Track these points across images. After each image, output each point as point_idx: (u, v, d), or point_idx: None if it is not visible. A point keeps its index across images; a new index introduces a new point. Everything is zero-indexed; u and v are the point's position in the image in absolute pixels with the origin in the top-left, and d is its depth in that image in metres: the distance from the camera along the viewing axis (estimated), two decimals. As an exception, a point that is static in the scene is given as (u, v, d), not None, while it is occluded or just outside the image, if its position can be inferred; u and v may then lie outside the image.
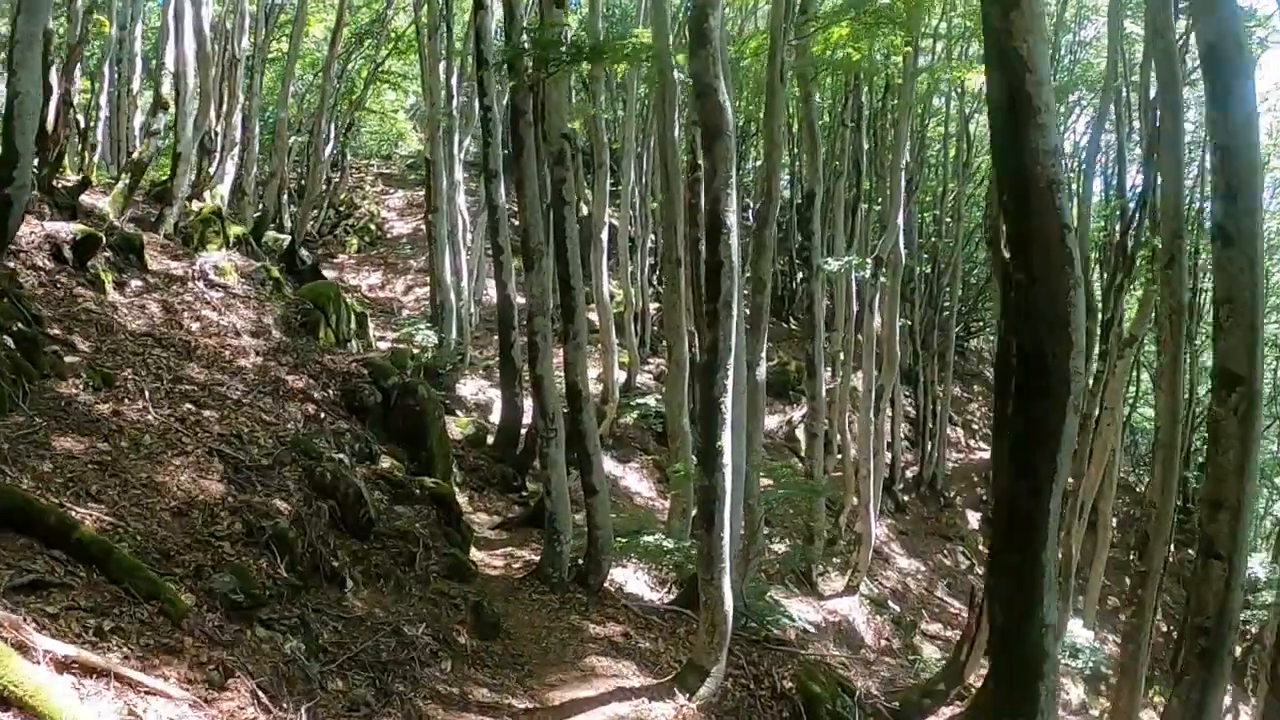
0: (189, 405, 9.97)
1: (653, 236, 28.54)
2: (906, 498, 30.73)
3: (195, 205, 18.41)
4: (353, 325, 15.56)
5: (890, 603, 22.52)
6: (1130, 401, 29.17)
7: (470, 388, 20.53)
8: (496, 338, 26.17)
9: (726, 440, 8.64)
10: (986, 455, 35.77)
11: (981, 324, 38.46)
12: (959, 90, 30.79)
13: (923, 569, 27.92)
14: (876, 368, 22.58)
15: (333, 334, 14.86)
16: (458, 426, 16.30)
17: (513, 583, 11.75)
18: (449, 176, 20.55)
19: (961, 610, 26.33)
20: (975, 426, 36.98)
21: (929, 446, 30.78)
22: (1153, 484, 17.89)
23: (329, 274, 26.24)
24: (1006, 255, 6.66)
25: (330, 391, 13.11)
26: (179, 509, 7.83)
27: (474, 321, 23.46)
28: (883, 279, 21.84)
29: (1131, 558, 28.19)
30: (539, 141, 11.67)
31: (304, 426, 11.41)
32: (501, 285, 15.64)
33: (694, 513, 15.67)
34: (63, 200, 14.04)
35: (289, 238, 20.62)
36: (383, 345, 20.59)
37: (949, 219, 30.46)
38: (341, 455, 10.44)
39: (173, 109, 17.89)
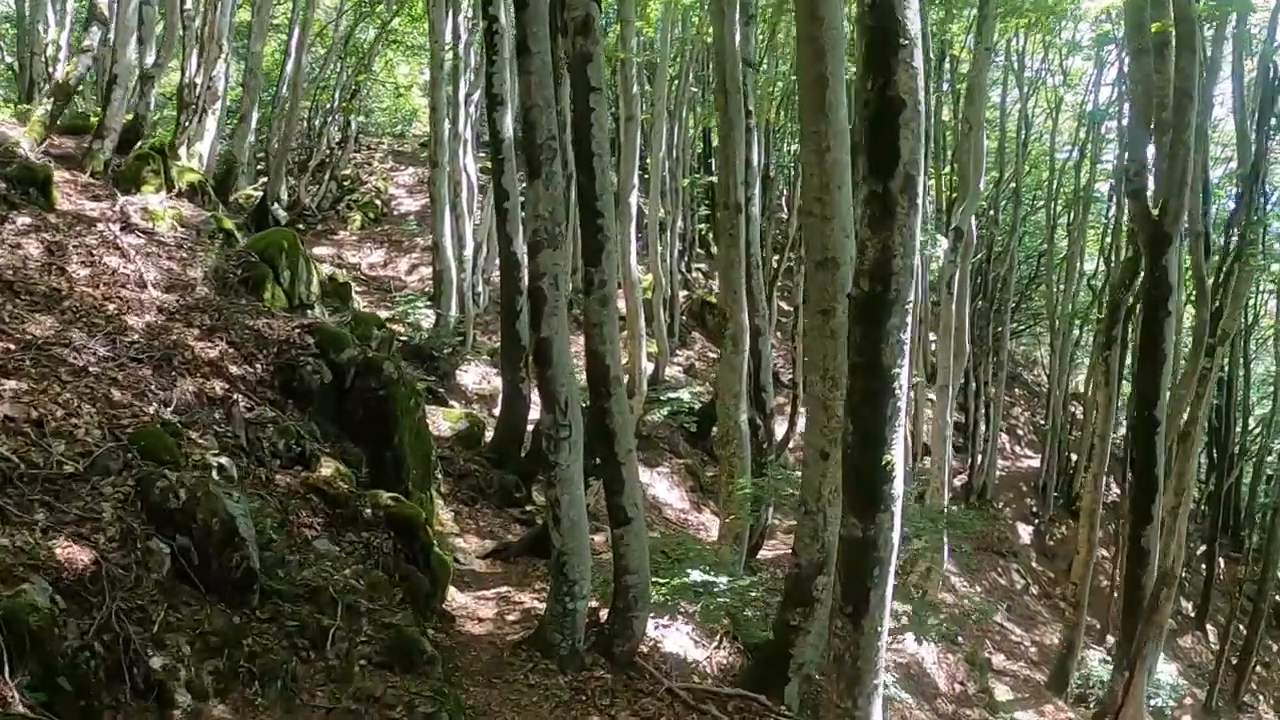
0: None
1: (681, 221, 24.14)
2: (954, 509, 26.11)
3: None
4: (315, 287, 11.24)
5: (960, 638, 18.02)
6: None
7: (472, 375, 16.17)
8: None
9: (899, 455, 4.28)
10: (1034, 463, 31.23)
11: (1031, 323, 33.83)
12: (1016, 65, 26.49)
13: (979, 591, 23.27)
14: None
15: (284, 294, 10.51)
16: (447, 420, 11.93)
17: (502, 652, 7.35)
18: (452, 125, 16.32)
19: (1023, 639, 21.87)
20: (1020, 432, 32.36)
21: (979, 454, 26.24)
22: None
23: (326, 250, 21.91)
24: None
25: (257, 366, 8.73)
26: None
27: (482, 303, 19.07)
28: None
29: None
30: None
31: (194, 414, 7.04)
32: (506, 238, 11.30)
33: (736, 532, 11.27)
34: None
35: (261, 195, 16.35)
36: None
37: (1005, 201, 25.98)
38: (221, 461, 6.02)
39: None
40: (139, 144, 13.70)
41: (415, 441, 9.63)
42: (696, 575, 8.96)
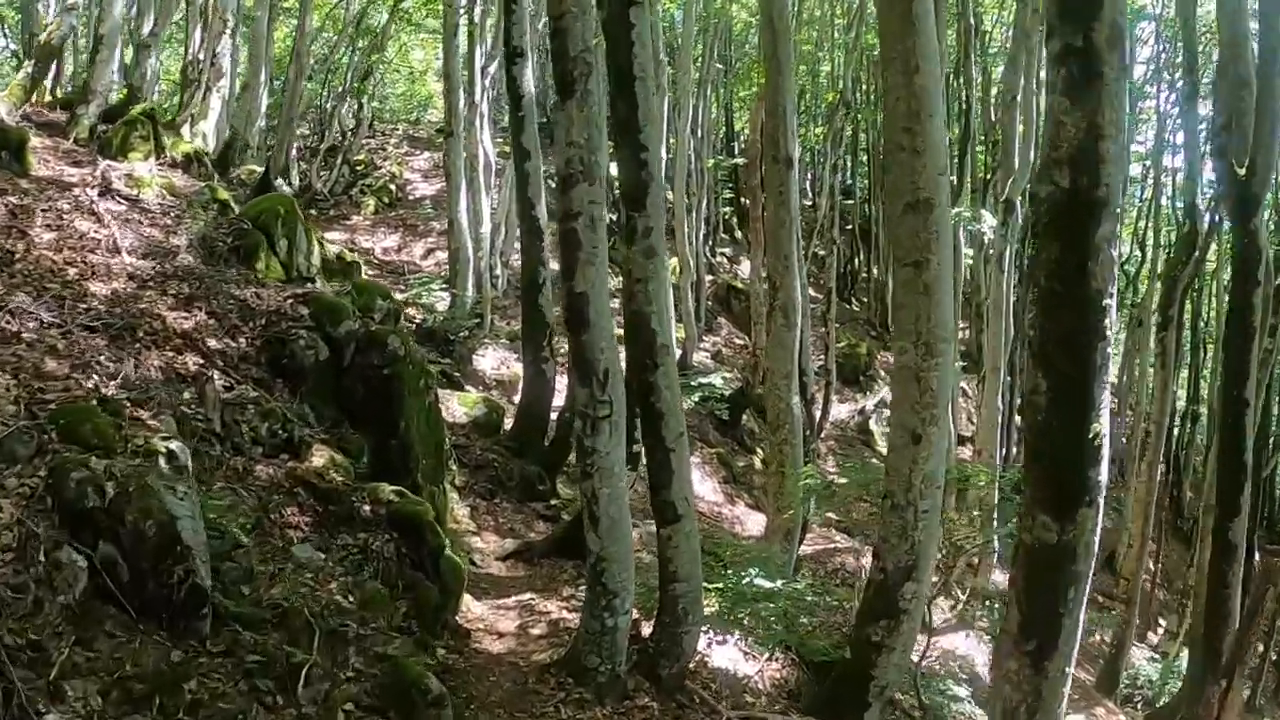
0: None
1: (706, 204, 22.69)
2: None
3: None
4: (316, 260, 9.86)
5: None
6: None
7: (491, 359, 14.77)
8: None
9: (1106, 425, 2.82)
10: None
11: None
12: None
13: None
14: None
15: (279, 265, 9.13)
16: (462, 405, 10.53)
17: (526, 677, 5.96)
18: (468, 97, 14.95)
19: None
20: (1051, 423, 30.69)
21: (1015, 445, 24.65)
22: None
23: (339, 235, 20.54)
24: None
25: (240, 339, 7.35)
26: None
27: (501, 285, 17.66)
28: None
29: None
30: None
31: (151, 390, 5.66)
32: (527, 203, 9.87)
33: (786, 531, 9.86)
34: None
35: (264, 169, 14.98)
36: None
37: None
38: (171, 447, 4.61)
39: None
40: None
41: (425, 428, 8.24)
42: (756, 580, 7.55)
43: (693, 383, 16.24)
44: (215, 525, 4.77)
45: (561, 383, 11.15)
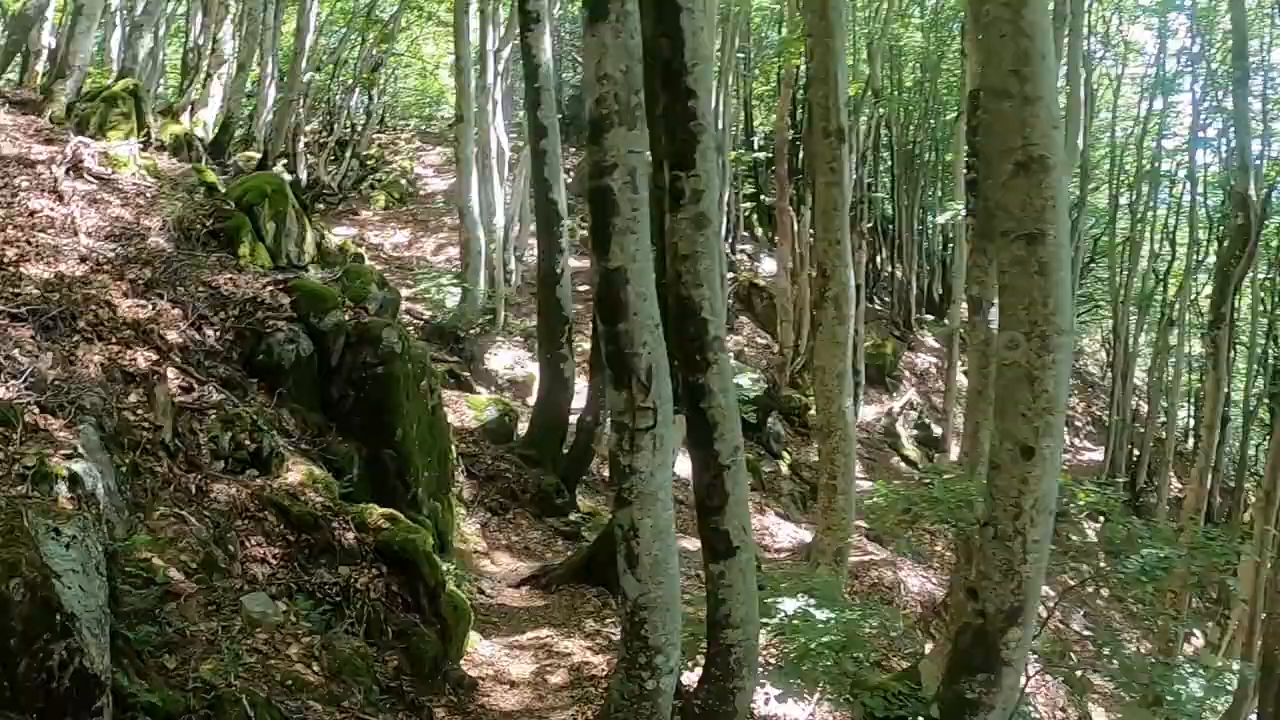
0: None
1: (727, 198, 21.41)
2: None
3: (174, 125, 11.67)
4: (310, 246, 8.63)
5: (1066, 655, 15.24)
6: None
7: (504, 359, 13.54)
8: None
9: None
10: (1094, 456, 28.25)
11: (1089, 306, 30.80)
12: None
13: (1050, 595, 20.37)
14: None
15: (266, 251, 7.91)
16: (472, 409, 9.28)
17: (544, 747, 4.70)
18: (480, 79, 13.73)
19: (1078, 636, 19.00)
20: (1078, 424, 29.35)
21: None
22: None
23: (347, 231, 19.34)
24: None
25: (209, 332, 6.12)
26: None
27: (515, 281, 16.42)
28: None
29: None
30: None
31: (75, 392, 4.42)
32: (543, 184, 8.59)
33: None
34: None
35: (261, 156, 13.76)
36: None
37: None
38: (74, 469, 3.36)
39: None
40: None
41: (427, 434, 7.01)
42: (790, 605, 6.25)
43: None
44: (141, 570, 3.55)
45: (580, 384, 9.93)
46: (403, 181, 22.90)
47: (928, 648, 11.83)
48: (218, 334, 6.13)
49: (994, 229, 5.06)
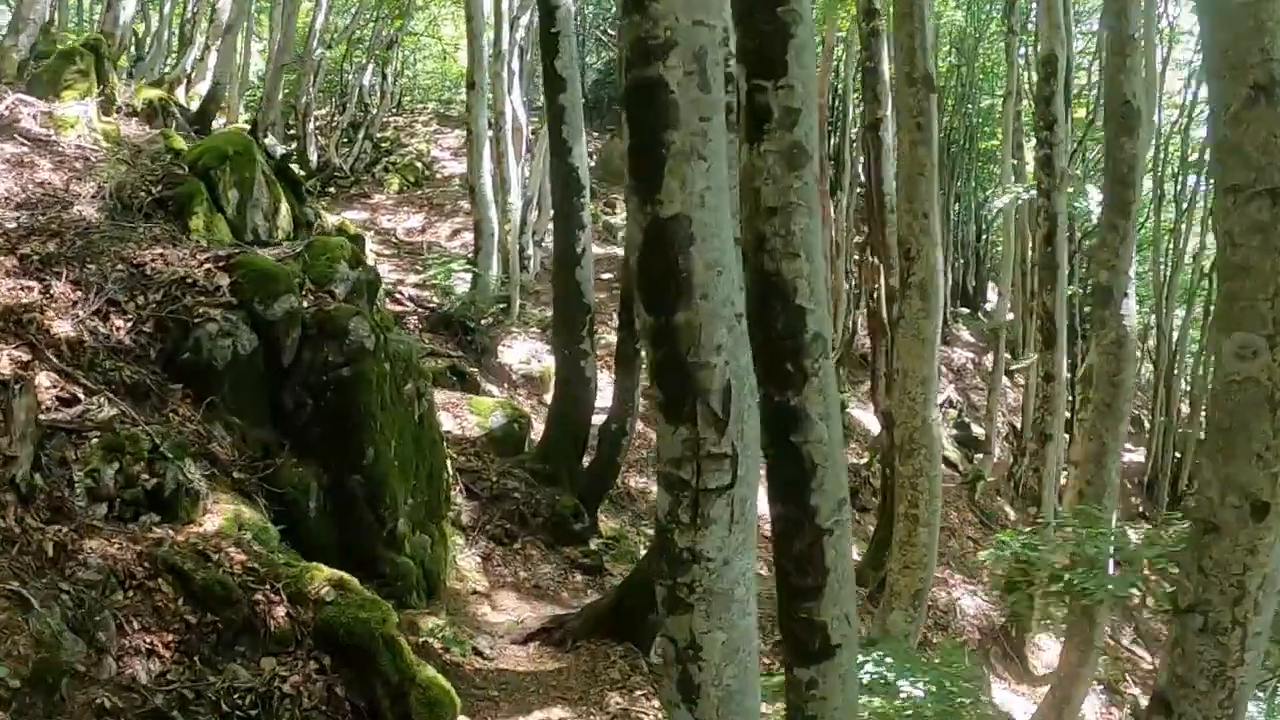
0: None
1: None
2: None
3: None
4: (285, 221, 7.03)
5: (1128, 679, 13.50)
6: None
7: (519, 352, 11.91)
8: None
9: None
10: (1135, 457, 26.35)
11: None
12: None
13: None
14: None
15: (225, 224, 6.31)
16: (475, 413, 7.59)
17: None
18: (494, 46, 12.10)
19: (1152, 663, 17.19)
20: (1117, 422, 27.37)
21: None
22: None
23: (359, 215, 17.79)
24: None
25: (117, 323, 4.51)
26: None
27: (532, 268, 14.77)
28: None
29: None
30: None
31: None
32: (561, 145, 6.87)
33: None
34: None
35: (250, 128, 12.14)
36: (402, 294, 12.05)
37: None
38: None
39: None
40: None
41: (412, 450, 5.39)
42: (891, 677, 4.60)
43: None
44: None
45: (604, 381, 8.28)
46: (418, 164, 21.28)
47: (992, 685, 10.16)
48: (130, 325, 4.52)
49: (1224, 182, 3.33)
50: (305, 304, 4.86)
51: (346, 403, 4.75)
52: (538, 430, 8.13)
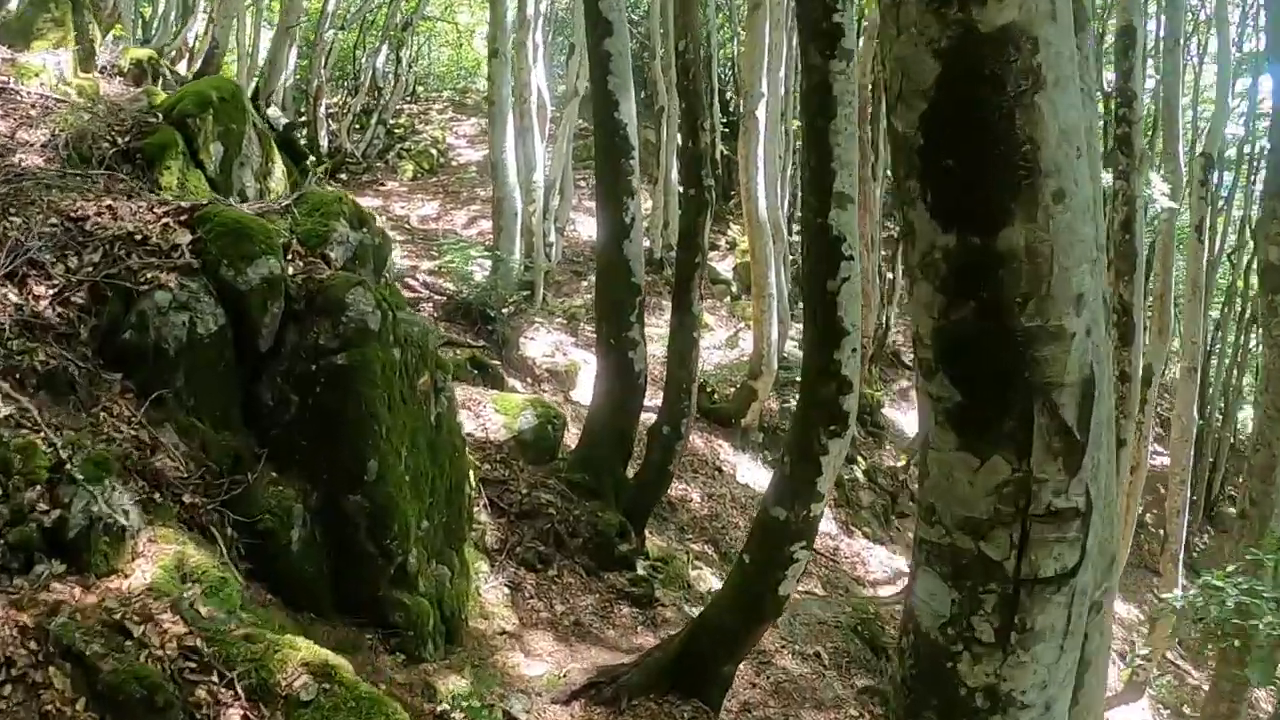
0: None
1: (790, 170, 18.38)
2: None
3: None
4: (276, 181, 5.81)
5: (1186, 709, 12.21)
6: None
7: (542, 344, 10.69)
8: (584, 282, 16.32)
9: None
10: (1166, 460, 25.00)
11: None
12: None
13: (1137, 616, 17.21)
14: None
15: (205, 181, 5.12)
16: (501, 411, 6.30)
17: None
18: (519, 7, 10.85)
19: (1200, 681, 15.83)
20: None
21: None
22: None
23: (372, 202, 16.54)
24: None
25: (40, 289, 3.29)
26: None
27: (555, 256, 13.55)
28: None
29: None
30: None
31: None
32: (606, 100, 5.53)
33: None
34: None
35: (250, 95, 10.93)
36: (415, 281, 10.82)
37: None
38: None
39: None
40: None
41: (428, 461, 4.15)
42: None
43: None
44: None
45: (657, 362, 7.00)
46: (433, 151, 20.05)
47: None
48: (54, 294, 3.30)
49: None
50: (291, 270, 3.63)
51: (342, 400, 3.52)
52: (571, 435, 6.87)
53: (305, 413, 3.56)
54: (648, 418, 6.74)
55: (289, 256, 3.67)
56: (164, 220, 3.75)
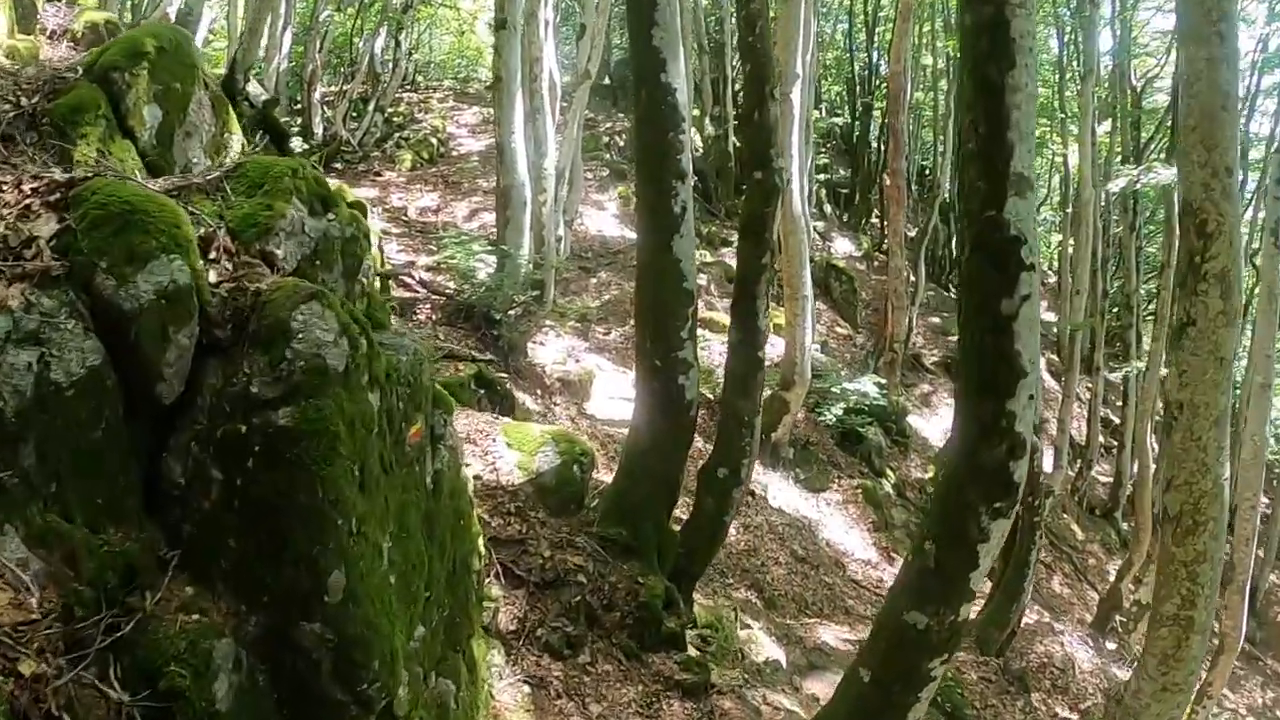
0: None
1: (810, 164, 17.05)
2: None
3: None
4: (234, 150, 4.55)
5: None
6: None
7: (552, 350, 9.37)
8: (594, 279, 14.91)
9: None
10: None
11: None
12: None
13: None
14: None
15: (133, 154, 3.82)
16: (514, 447, 4.95)
17: None
18: (529, -22, 9.54)
19: (1236, 705, 14.59)
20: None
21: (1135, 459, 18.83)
22: None
23: (369, 193, 15.18)
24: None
25: None
26: None
27: (564, 252, 12.20)
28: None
29: None
30: None
31: None
32: (654, 60, 4.23)
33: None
34: None
35: (227, 73, 9.48)
36: (411, 279, 9.47)
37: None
38: None
39: None
40: None
41: (425, 543, 2.82)
42: None
43: (834, 389, 10.75)
44: None
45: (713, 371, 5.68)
46: (433, 141, 18.66)
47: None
48: None
49: None
50: (213, 276, 2.30)
51: (288, 481, 2.20)
52: (600, 470, 5.53)
53: (234, 497, 2.24)
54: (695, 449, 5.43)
55: (210, 255, 2.34)
56: (28, 201, 2.43)
